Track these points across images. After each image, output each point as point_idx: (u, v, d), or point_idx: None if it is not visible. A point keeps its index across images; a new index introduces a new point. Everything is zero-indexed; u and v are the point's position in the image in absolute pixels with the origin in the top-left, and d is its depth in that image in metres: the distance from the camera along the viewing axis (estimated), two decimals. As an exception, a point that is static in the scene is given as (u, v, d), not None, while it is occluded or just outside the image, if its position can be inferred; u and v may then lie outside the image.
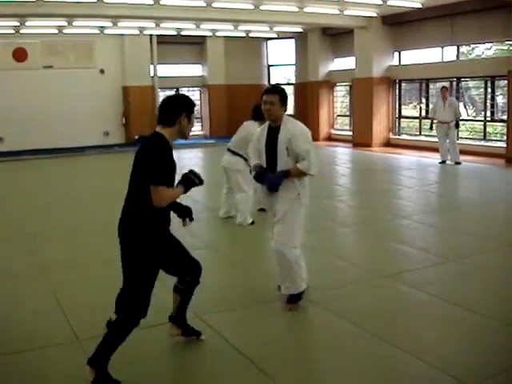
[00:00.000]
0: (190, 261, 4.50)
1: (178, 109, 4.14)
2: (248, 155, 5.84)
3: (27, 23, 17.26)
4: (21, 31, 18.49)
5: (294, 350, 4.77)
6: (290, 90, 24.80)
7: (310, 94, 21.99)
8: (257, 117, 8.42)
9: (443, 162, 14.91)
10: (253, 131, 7.51)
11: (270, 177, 5.25)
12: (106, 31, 19.72)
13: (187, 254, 4.48)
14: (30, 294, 6.00)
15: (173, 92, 22.83)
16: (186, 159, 17.57)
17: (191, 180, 4.23)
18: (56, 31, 18.91)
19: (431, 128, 15.28)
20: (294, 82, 23.93)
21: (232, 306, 5.48)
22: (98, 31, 19.68)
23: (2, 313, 5.49)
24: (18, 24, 17.36)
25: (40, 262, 7.09)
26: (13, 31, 18.44)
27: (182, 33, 20.74)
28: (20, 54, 19.62)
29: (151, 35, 20.98)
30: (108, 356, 3.98)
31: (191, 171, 4.30)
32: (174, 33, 20.65)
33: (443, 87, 15.04)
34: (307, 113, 21.82)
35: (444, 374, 4.07)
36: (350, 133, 20.43)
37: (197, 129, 23.62)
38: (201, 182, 4.28)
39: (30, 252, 7.54)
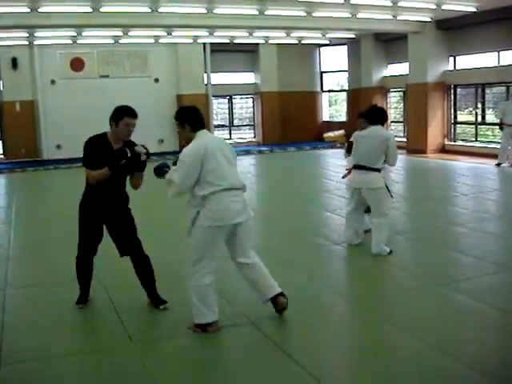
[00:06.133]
0: (130, 241, 5.59)
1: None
2: None
3: (84, 33, 17.70)
4: (78, 41, 18.97)
5: (344, 355, 4.74)
6: (342, 97, 24.74)
7: (363, 100, 21.82)
8: (379, 120, 7.50)
9: (499, 164, 14.71)
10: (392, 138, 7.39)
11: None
12: (160, 40, 20.04)
13: (131, 235, 5.60)
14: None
15: (226, 100, 23.06)
16: (240, 166, 17.63)
17: (116, 164, 5.30)
18: (112, 41, 19.34)
19: (501, 129, 15.16)
20: (346, 88, 23.80)
21: (285, 313, 5.48)
22: (152, 41, 20.02)
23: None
24: (75, 34, 17.83)
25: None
26: (70, 41, 18.93)
27: (235, 41, 20.89)
28: (77, 64, 20.11)
29: (204, 44, 21.21)
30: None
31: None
32: (227, 41, 20.82)
33: None
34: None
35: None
36: (404, 139, 20.17)
37: (250, 136, 23.75)
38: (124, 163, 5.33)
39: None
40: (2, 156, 20.04)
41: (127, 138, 5.46)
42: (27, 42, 18.87)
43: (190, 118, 5.22)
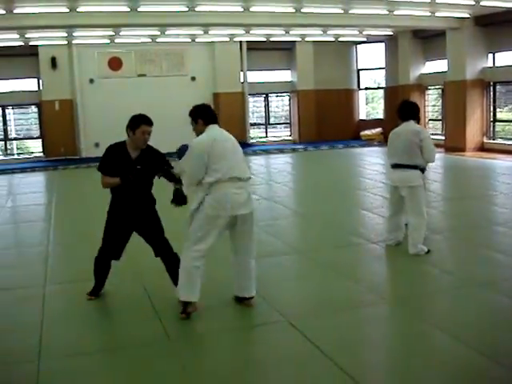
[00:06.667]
0: (159, 243, 5.78)
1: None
2: None
3: (122, 33, 17.88)
4: (115, 41, 19.17)
5: (383, 356, 4.70)
6: (379, 94, 24.54)
7: (400, 97, 21.56)
8: (410, 115, 7.32)
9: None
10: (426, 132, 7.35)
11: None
12: (197, 39, 20.14)
13: (159, 236, 5.78)
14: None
15: (262, 98, 23.05)
16: (276, 164, 17.69)
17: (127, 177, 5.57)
18: (149, 40, 19.49)
19: None
20: (383, 85, 23.59)
21: (323, 311, 5.46)
22: (189, 39, 20.12)
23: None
24: (113, 34, 18.02)
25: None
26: (108, 41, 19.15)
27: (271, 39, 20.87)
28: (115, 63, 20.34)
29: (241, 42, 21.24)
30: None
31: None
32: (264, 39, 20.81)
33: None
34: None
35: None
36: (442, 137, 19.91)
37: (286, 134, 23.71)
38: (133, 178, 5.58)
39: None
40: (42, 154, 20.37)
41: (144, 145, 5.69)
42: (66, 42, 19.14)
43: (203, 113, 5.46)
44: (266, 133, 23.58)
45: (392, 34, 21.32)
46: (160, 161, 5.76)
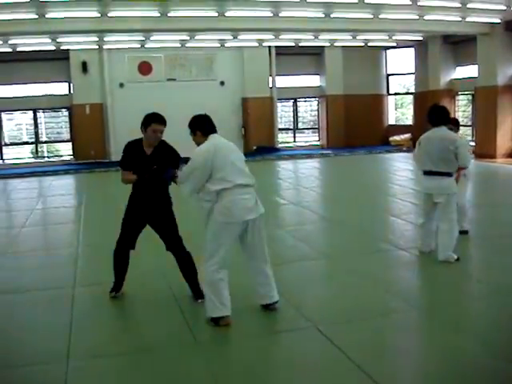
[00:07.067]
0: (172, 240, 5.92)
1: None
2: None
3: (152, 38, 18.02)
4: (146, 45, 19.34)
5: (410, 363, 4.66)
6: (408, 100, 24.37)
7: (430, 103, 21.34)
8: (442, 120, 7.22)
9: None
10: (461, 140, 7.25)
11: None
12: (226, 44, 20.21)
13: (172, 234, 5.92)
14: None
15: (290, 103, 23.05)
16: (303, 169, 17.67)
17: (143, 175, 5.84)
18: (179, 45, 19.63)
19: None
20: (413, 91, 23.43)
21: (350, 318, 5.43)
22: (218, 44, 20.21)
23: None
24: (143, 38, 18.18)
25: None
26: (138, 45, 19.32)
27: (300, 44, 20.87)
28: (145, 68, 20.52)
29: (270, 47, 21.27)
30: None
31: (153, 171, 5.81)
32: (293, 44, 20.82)
33: None
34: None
35: None
36: (472, 143, 19.70)
37: (314, 139, 23.67)
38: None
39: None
40: (72, 157, 20.61)
41: (155, 143, 5.91)
42: (97, 46, 19.37)
43: (200, 124, 5.52)
44: (294, 138, 23.57)
45: (422, 39, 21.17)
46: (171, 158, 5.93)
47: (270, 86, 21.84)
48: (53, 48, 18.65)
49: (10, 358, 4.80)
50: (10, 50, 18.05)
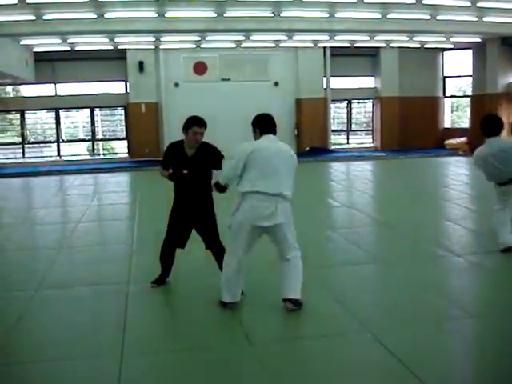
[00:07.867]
0: (210, 237, 6.20)
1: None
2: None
3: (207, 38, 18.16)
4: (201, 46, 19.50)
5: (469, 374, 4.56)
6: (465, 103, 23.91)
7: (487, 106, 20.97)
8: (496, 131, 7.31)
9: None
10: None
11: None
12: (281, 44, 20.22)
13: (212, 235, 6.20)
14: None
15: (344, 104, 22.91)
16: (356, 171, 17.52)
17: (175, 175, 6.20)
18: (234, 45, 19.72)
19: None
20: (470, 93, 22.97)
21: (404, 323, 5.36)
22: (273, 45, 20.23)
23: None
24: (199, 39, 18.34)
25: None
26: (194, 46, 19.50)
27: (356, 45, 20.72)
28: (200, 68, 20.69)
29: (325, 48, 21.18)
30: None
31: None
32: (348, 45, 20.69)
33: None
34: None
35: None
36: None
37: (367, 141, 23.47)
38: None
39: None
40: (127, 155, 20.93)
41: (196, 145, 6.11)
42: (153, 47, 19.63)
43: (260, 123, 5.71)
44: (348, 139, 23.42)
45: (480, 40, 20.75)
46: (214, 158, 6.12)
47: (324, 87, 21.74)
48: (110, 47, 19.02)
49: (71, 350, 4.89)
50: (68, 48, 18.48)
